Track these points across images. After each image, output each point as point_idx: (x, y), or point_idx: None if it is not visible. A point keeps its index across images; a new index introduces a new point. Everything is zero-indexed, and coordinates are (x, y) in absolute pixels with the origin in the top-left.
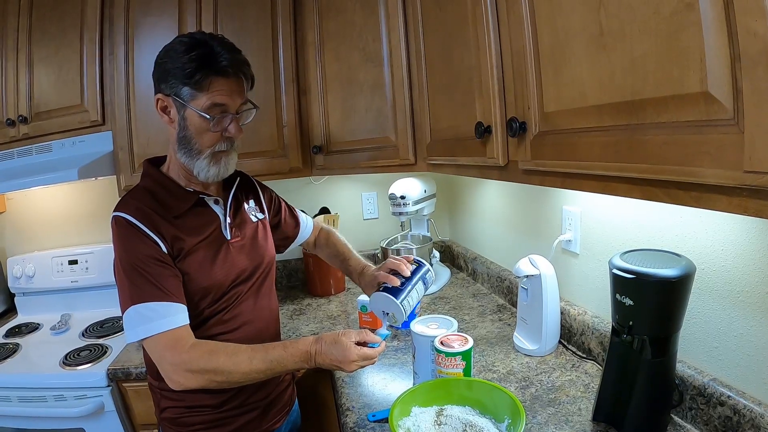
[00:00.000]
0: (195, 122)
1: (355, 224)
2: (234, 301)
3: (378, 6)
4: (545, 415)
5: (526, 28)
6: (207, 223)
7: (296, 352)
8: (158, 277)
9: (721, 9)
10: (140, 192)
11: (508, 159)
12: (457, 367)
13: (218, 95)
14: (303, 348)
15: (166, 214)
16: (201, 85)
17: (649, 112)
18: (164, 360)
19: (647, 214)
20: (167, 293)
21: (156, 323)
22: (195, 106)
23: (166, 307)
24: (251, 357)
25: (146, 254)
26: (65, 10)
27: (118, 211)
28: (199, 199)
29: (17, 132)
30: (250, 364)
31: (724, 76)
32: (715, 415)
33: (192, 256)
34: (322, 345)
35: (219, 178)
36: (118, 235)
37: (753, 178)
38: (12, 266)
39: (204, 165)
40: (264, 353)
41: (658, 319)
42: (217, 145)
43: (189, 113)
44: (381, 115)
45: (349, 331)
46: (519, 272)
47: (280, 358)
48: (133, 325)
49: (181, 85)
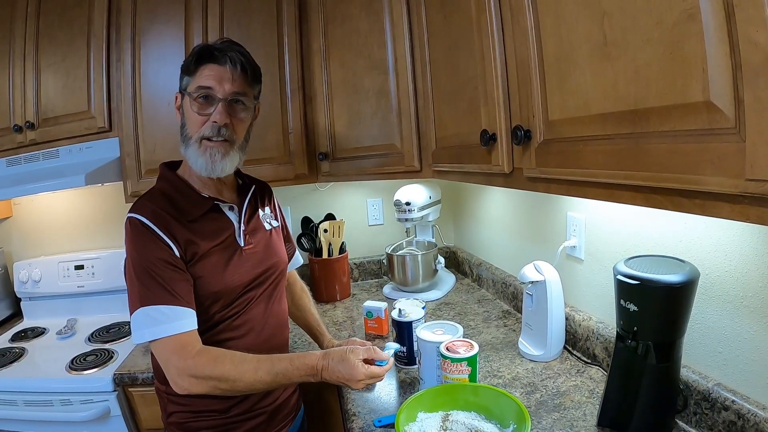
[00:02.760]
0: (187, 107)
1: (360, 230)
2: (245, 306)
3: (383, 14)
4: (550, 420)
5: (531, 37)
6: (221, 229)
7: (302, 366)
8: (169, 280)
9: (723, 19)
10: (156, 195)
11: (513, 166)
12: (463, 372)
13: (205, 78)
14: (310, 362)
15: (181, 217)
16: (192, 71)
17: (652, 120)
18: (170, 364)
19: (651, 221)
20: (177, 297)
21: (163, 326)
22: (188, 91)
23: (174, 311)
24: (257, 367)
25: (158, 257)
26: (73, 17)
27: (134, 213)
28: (214, 205)
29: (24, 138)
30: (255, 375)
31: (726, 86)
32: (720, 420)
33: (205, 260)
34: (329, 361)
35: (211, 174)
36: (131, 236)
37: (754, 186)
38: (18, 271)
39: (193, 153)
40: (270, 365)
41: (663, 324)
42: (203, 129)
43: (185, 100)
44: (386, 122)
45: (356, 348)
46: (524, 278)
47: (286, 371)
48: (141, 326)
49: (184, 75)
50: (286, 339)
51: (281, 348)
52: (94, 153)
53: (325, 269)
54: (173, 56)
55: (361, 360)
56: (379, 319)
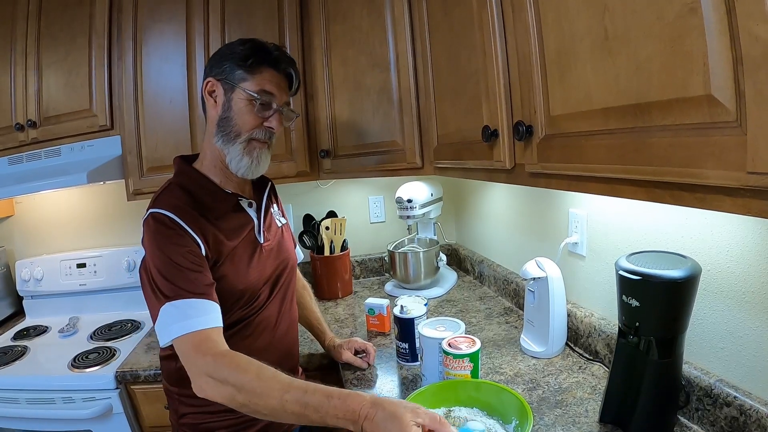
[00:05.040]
0: (240, 104)
1: (362, 228)
2: (263, 305)
3: (384, 11)
4: (552, 416)
5: (533, 32)
6: (242, 226)
7: (342, 407)
8: (197, 274)
9: (724, 13)
10: (177, 190)
11: (515, 162)
12: (465, 368)
13: (268, 83)
14: (353, 407)
15: (207, 214)
16: (253, 69)
17: (653, 114)
18: (190, 361)
19: (653, 216)
20: (205, 292)
21: (193, 321)
22: (244, 87)
23: (204, 305)
24: (286, 389)
25: (187, 250)
26: (74, 15)
27: (157, 208)
28: (236, 202)
29: (26, 136)
30: (281, 396)
31: (727, 79)
32: (722, 416)
33: (230, 259)
34: (378, 413)
35: (249, 174)
36: (155, 231)
37: (756, 179)
38: (20, 269)
39: (237, 152)
40: (302, 393)
41: (665, 320)
42: (255, 131)
43: (237, 94)
44: (388, 119)
45: (419, 409)
46: (526, 275)
47: (318, 405)
48: (168, 323)
49: (235, 67)
50: (296, 337)
51: (292, 346)
52: (95, 151)
53: (327, 267)
54: (175, 54)
55: (418, 425)
56: (381, 316)
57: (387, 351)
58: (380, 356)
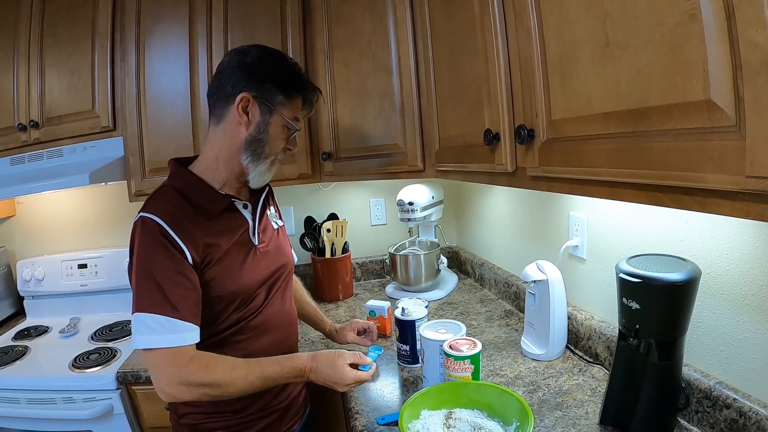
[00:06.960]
0: (276, 129)
1: (363, 230)
2: (261, 306)
3: (387, 15)
4: (553, 418)
5: (534, 37)
6: (236, 227)
7: (290, 369)
8: (172, 292)
9: (723, 20)
10: (170, 192)
11: (516, 165)
12: (466, 370)
13: (299, 111)
14: (298, 365)
15: (199, 216)
16: (293, 99)
17: (654, 119)
18: (159, 371)
19: (653, 220)
20: (177, 310)
21: (159, 337)
22: (283, 114)
23: (173, 324)
24: (248, 372)
25: (167, 265)
26: (77, 17)
27: (148, 213)
28: (230, 203)
29: (29, 137)
30: (246, 379)
31: (727, 85)
32: (722, 418)
33: (222, 261)
34: (318, 364)
35: (262, 185)
36: (142, 237)
37: (755, 183)
38: (21, 269)
39: (263, 169)
40: (260, 369)
41: (665, 322)
42: (281, 153)
43: (275, 119)
44: (390, 123)
45: (343, 353)
46: (526, 277)
47: (275, 374)
48: (137, 332)
49: (278, 92)
50: (296, 338)
51: (292, 348)
52: (97, 152)
53: (328, 269)
54: (177, 56)
55: (348, 364)
56: (382, 318)
57: (388, 353)
58: (381, 358)
